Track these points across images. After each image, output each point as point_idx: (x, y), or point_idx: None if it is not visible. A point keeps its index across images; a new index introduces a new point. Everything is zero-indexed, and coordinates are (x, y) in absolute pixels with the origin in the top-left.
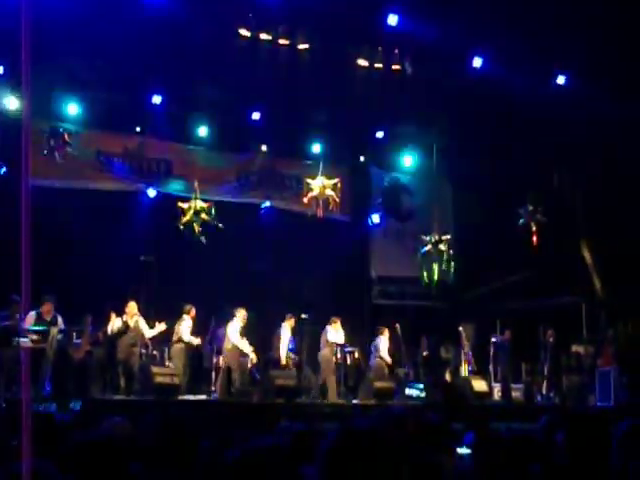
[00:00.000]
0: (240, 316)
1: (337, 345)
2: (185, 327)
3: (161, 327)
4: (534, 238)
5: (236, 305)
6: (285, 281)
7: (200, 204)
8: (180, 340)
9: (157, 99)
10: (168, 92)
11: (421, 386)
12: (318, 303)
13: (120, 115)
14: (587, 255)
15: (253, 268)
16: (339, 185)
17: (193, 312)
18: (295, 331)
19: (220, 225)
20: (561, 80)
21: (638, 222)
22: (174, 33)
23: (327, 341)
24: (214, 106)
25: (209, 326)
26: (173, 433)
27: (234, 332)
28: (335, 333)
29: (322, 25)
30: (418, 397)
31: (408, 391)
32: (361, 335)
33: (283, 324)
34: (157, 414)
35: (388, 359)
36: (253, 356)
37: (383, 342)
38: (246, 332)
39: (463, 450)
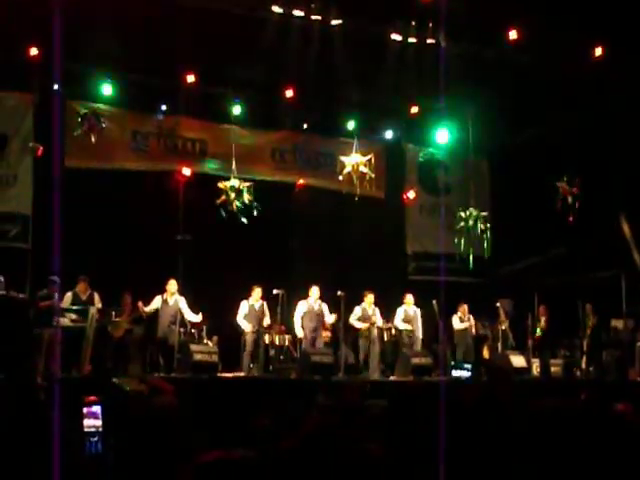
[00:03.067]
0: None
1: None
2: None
3: (199, 317)
4: (571, 212)
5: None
6: (320, 259)
7: (242, 184)
8: None
9: (191, 78)
10: (201, 71)
11: (469, 366)
12: (353, 280)
13: (154, 95)
14: (626, 228)
15: (288, 247)
16: (373, 161)
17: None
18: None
19: (259, 207)
20: (599, 51)
21: None
22: (207, 11)
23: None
24: (248, 84)
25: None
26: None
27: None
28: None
29: (355, 0)
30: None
31: (455, 372)
32: (396, 311)
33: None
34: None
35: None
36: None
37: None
38: (281, 310)
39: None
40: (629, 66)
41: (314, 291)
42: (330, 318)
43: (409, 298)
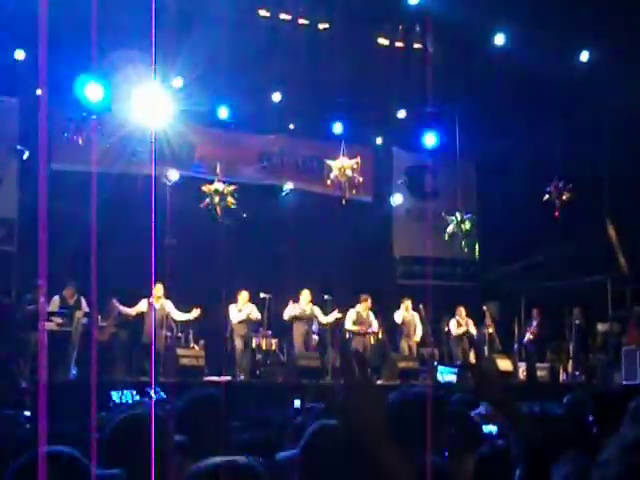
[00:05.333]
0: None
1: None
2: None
3: (195, 313)
4: (557, 216)
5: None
6: (307, 263)
7: (226, 187)
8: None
9: (178, 82)
10: (189, 75)
11: (454, 370)
12: (341, 284)
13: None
14: (612, 233)
15: (275, 250)
16: (359, 164)
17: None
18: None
19: (244, 215)
20: (585, 57)
21: None
22: (193, 16)
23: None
24: (235, 88)
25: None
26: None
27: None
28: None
29: (342, 4)
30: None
31: (439, 377)
32: (385, 316)
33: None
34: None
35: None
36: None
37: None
38: (268, 314)
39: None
40: (616, 69)
41: (305, 294)
42: (330, 317)
43: (406, 303)
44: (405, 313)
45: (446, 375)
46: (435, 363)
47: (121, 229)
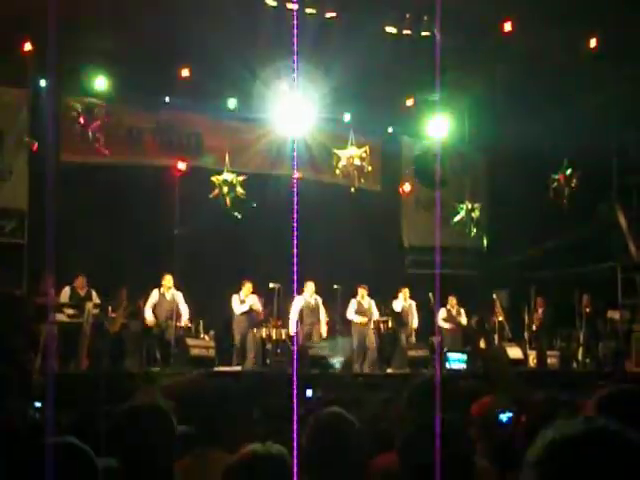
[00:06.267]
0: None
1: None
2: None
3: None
4: (565, 203)
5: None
6: (316, 253)
7: (235, 178)
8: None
9: (186, 72)
10: (196, 65)
11: (464, 357)
12: (350, 274)
13: (150, 90)
14: (622, 219)
15: (284, 240)
16: (368, 153)
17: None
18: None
19: (252, 201)
20: (593, 43)
21: None
22: (200, 5)
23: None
24: (243, 77)
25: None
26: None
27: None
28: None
29: None
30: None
31: (448, 365)
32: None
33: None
34: None
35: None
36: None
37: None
38: (277, 304)
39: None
40: (624, 57)
41: (309, 286)
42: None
43: (404, 292)
44: (403, 302)
45: (454, 363)
46: (445, 350)
47: (131, 220)
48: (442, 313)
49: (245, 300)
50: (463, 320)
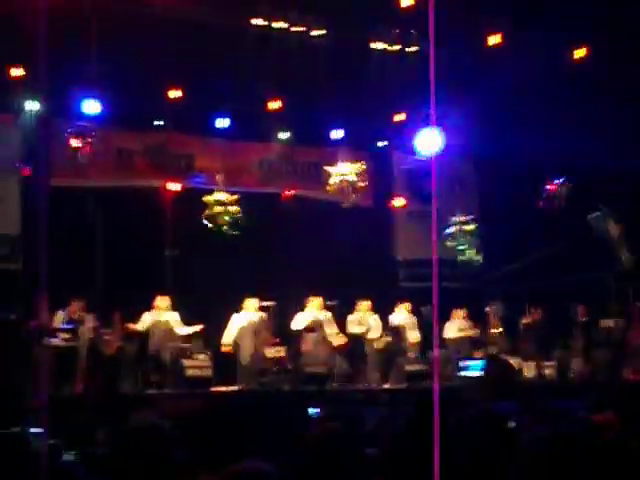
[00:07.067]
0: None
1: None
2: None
3: (196, 328)
4: (556, 213)
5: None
6: (310, 269)
7: (228, 197)
8: None
9: (176, 93)
10: (186, 86)
11: (479, 365)
12: (344, 289)
13: (140, 112)
14: (612, 227)
15: (277, 258)
16: (363, 168)
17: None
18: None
19: (245, 220)
20: (581, 52)
21: None
22: (187, 26)
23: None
24: (233, 97)
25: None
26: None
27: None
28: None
29: (336, 9)
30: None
31: (464, 373)
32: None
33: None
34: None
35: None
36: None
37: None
38: (274, 321)
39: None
40: (611, 66)
41: (317, 302)
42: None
43: (401, 306)
44: (403, 316)
45: (471, 371)
46: (459, 360)
47: (123, 243)
48: (453, 325)
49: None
50: (470, 332)
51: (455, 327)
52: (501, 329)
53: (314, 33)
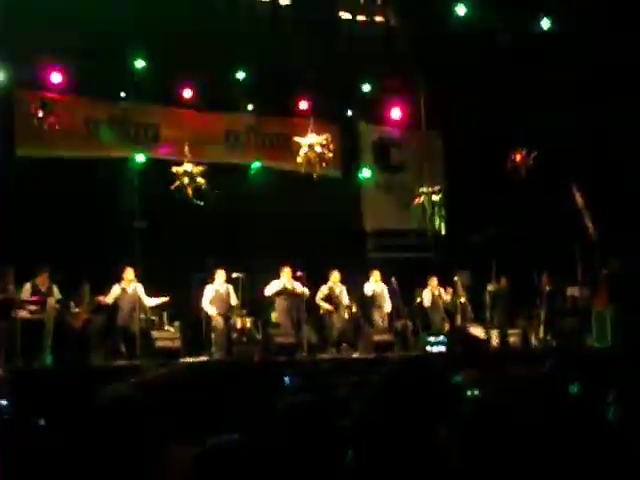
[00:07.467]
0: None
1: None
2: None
3: (163, 299)
4: (523, 183)
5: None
6: (278, 241)
7: (195, 168)
8: None
9: (140, 63)
10: (151, 56)
11: (442, 339)
12: (312, 260)
13: (105, 81)
14: (578, 197)
15: (245, 229)
16: (329, 140)
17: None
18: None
19: (213, 191)
20: (546, 24)
21: (629, 161)
22: None
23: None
24: (198, 67)
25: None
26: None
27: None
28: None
29: None
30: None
31: (429, 348)
32: (356, 289)
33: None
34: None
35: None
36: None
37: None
38: (243, 292)
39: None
40: (577, 37)
41: (286, 271)
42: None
43: (375, 274)
44: (375, 285)
45: (435, 346)
46: (425, 335)
47: (91, 214)
48: (427, 294)
49: (219, 288)
50: (446, 298)
51: (430, 294)
52: (464, 298)
53: (282, 2)
